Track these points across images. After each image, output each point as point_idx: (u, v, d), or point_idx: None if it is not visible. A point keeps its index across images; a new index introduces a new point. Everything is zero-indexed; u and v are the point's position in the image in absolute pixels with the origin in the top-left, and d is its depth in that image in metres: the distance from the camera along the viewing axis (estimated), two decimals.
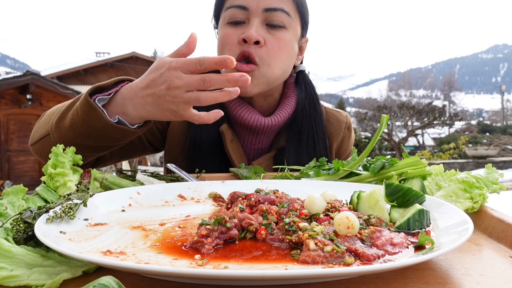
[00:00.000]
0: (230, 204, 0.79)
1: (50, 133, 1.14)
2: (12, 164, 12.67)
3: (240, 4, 1.24)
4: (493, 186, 0.85)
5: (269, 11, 1.24)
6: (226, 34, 1.28)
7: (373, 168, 0.97)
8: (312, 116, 1.39)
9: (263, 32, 1.24)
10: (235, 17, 1.26)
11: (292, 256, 0.56)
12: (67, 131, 1.09)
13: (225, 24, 1.29)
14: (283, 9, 1.25)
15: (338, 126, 1.49)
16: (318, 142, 1.38)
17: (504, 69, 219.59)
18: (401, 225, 0.65)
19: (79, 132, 1.07)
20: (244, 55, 1.23)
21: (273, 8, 1.24)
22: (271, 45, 1.25)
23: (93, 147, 1.11)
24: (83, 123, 1.05)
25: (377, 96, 68.80)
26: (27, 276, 0.51)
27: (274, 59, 1.26)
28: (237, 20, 1.26)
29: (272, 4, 1.24)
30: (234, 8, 1.26)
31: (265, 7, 1.24)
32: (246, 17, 1.26)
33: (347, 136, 1.52)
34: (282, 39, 1.27)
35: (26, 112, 12.86)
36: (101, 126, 1.03)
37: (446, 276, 0.53)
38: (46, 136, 1.15)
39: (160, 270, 0.44)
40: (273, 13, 1.24)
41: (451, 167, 14.58)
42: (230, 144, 1.35)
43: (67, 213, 0.65)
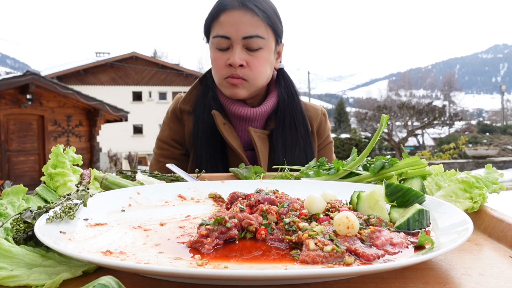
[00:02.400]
0: (230, 204, 0.79)
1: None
2: (12, 164, 12.67)
3: (224, 34, 1.51)
4: (493, 186, 0.85)
5: (247, 38, 1.50)
6: (215, 57, 1.57)
7: (373, 168, 0.97)
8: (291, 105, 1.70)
9: (244, 56, 1.52)
10: (220, 44, 1.53)
11: (292, 256, 0.56)
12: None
13: (214, 48, 1.57)
14: (258, 35, 1.51)
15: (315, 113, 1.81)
16: (299, 124, 1.68)
17: (504, 69, 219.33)
18: (401, 225, 0.65)
19: None
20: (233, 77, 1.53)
21: (250, 35, 1.50)
22: (253, 64, 1.54)
23: None
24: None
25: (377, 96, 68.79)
26: (27, 276, 0.51)
27: (258, 74, 1.56)
28: (222, 47, 1.54)
29: (249, 33, 1.50)
30: (219, 38, 1.53)
31: (243, 36, 1.50)
32: (229, 44, 1.53)
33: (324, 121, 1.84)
34: (261, 58, 1.55)
35: (26, 112, 12.87)
36: None
37: (446, 276, 0.53)
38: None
39: (160, 270, 0.44)
40: (251, 40, 1.51)
41: (451, 167, 14.58)
42: (222, 126, 1.58)
43: (67, 213, 0.65)
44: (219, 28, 1.53)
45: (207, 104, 1.63)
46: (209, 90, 1.67)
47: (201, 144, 1.60)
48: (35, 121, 13.23)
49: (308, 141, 1.68)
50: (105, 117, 14.44)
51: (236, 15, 1.50)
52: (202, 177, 1.14)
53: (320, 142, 1.80)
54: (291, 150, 1.62)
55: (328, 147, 1.84)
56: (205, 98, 1.66)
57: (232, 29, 1.50)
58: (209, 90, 1.67)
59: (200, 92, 1.70)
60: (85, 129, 14.43)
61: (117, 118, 14.83)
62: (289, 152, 1.61)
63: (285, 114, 1.67)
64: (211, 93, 1.65)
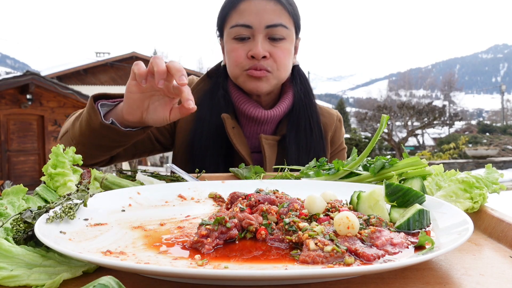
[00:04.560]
0: (230, 204, 0.79)
1: (69, 130, 1.33)
2: (12, 164, 12.67)
3: (245, 23, 1.40)
4: (493, 186, 0.85)
5: (270, 27, 1.40)
6: (233, 49, 1.44)
7: (373, 168, 0.97)
8: (307, 105, 1.58)
9: (267, 46, 1.42)
10: (240, 34, 1.42)
11: (292, 256, 0.56)
12: (76, 129, 1.27)
13: (231, 39, 1.45)
14: (282, 24, 1.42)
15: (330, 118, 1.69)
16: (314, 127, 1.57)
17: (504, 69, 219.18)
18: (401, 225, 0.65)
19: (83, 131, 1.23)
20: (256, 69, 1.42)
21: (274, 24, 1.40)
22: (276, 56, 1.43)
23: (96, 145, 1.26)
24: (86, 122, 1.21)
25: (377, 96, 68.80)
26: (27, 276, 0.51)
27: (282, 66, 1.46)
28: (242, 36, 1.42)
29: (273, 21, 1.40)
30: (239, 27, 1.41)
31: (266, 24, 1.40)
32: (250, 34, 1.41)
33: (339, 127, 1.73)
34: (284, 49, 1.45)
35: (26, 112, 12.86)
36: (98, 126, 1.18)
37: (446, 276, 0.53)
38: (66, 133, 1.35)
39: (160, 270, 0.44)
40: (274, 29, 1.41)
41: (451, 167, 14.58)
42: (231, 130, 1.49)
43: (67, 213, 0.65)
44: (238, 16, 1.41)
45: (215, 104, 1.52)
46: (218, 87, 1.55)
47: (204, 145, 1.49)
48: (35, 121, 13.23)
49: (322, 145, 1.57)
50: None
51: (258, 3, 1.39)
52: (202, 177, 1.14)
53: (333, 149, 1.69)
54: (305, 155, 1.50)
55: (341, 153, 1.74)
56: (213, 97, 1.54)
57: (254, 17, 1.39)
58: (219, 87, 1.54)
59: (208, 88, 1.58)
60: None
61: None
62: (302, 157, 1.48)
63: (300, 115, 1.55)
64: (221, 91, 1.53)
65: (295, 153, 1.50)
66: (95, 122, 1.18)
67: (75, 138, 1.29)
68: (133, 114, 1.15)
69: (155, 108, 1.14)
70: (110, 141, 1.24)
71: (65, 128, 1.39)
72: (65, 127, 1.39)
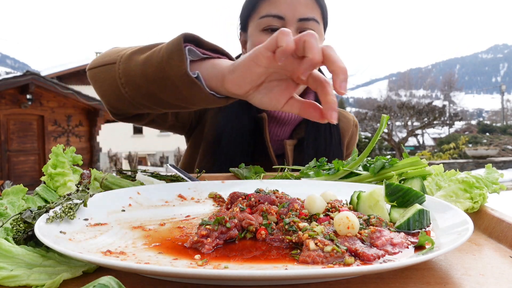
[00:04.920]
0: (230, 204, 0.79)
1: (117, 62, 1.03)
2: (12, 164, 12.67)
3: (277, 13, 1.33)
4: (493, 186, 0.85)
5: (303, 20, 1.34)
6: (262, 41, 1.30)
7: (373, 168, 0.97)
8: None
9: None
10: (271, 25, 1.35)
11: (292, 256, 0.56)
12: (136, 66, 0.97)
13: (260, 30, 1.37)
14: (314, 18, 1.36)
15: (347, 123, 1.65)
16: (333, 132, 1.52)
17: (504, 69, 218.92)
18: (401, 225, 0.65)
19: (148, 72, 0.94)
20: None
21: (307, 18, 1.34)
22: None
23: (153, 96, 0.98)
24: (159, 64, 0.91)
25: (377, 96, 68.79)
26: (27, 276, 0.51)
27: None
28: (273, 28, 1.35)
29: (306, 14, 1.34)
30: (271, 17, 1.34)
31: (300, 17, 1.34)
32: (281, 25, 1.34)
33: (355, 133, 1.69)
34: None
35: (26, 112, 12.86)
36: (177, 74, 0.88)
37: (446, 276, 0.53)
38: (111, 64, 1.05)
39: (160, 270, 0.44)
40: (306, 23, 1.34)
41: (451, 167, 14.57)
42: (267, 131, 1.45)
43: (67, 213, 0.65)
44: (271, 6, 1.35)
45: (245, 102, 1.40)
46: None
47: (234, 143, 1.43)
48: (35, 121, 13.23)
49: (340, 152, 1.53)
50: (105, 117, 14.43)
51: None
52: (202, 177, 1.14)
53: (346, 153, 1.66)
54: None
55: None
56: None
57: (288, 8, 1.33)
58: None
59: None
60: (85, 129, 14.42)
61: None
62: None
63: None
64: None
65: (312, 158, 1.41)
66: (175, 69, 0.88)
67: (126, 76, 0.99)
68: (240, 86, 0.84)
69: (271, 89, 0.87)
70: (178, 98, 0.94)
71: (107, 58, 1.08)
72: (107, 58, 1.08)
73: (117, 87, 1.01)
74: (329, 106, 0.75)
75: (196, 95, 0.90)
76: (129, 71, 0.99)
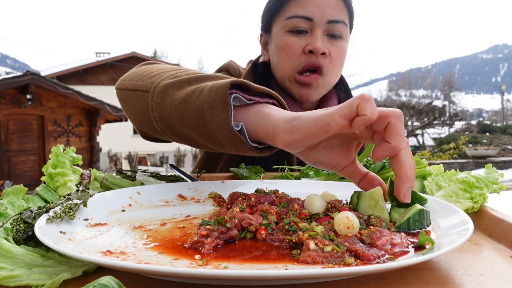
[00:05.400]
0: (230, 204, 0.79)
1: (150, 92, 0.92)
2: (12, 164, 12.67)
3: (305, 15, 1.30)
4: (493, 186, 0.85)
5: (331, 23, 1.31)
6: (289, 42, 1.32)
7: (373, 168, 0.97)
8: None
9: (326, 43, 1.32)
10: (298, 26, 1.31)
11: (292, 256, 0.56)
12: (172, 105, 0.86)
13: (286, 31, 1.34)
14: (343, 21, 1.33)
15: None
16: None
17: (504, 69, 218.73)
18: (401, 225, 0.65)
19: (184, 116, 0.83)
20: (313, 66, 1.31)
21: (336, 20, 1.31)
22: (334, 55, 1.33)
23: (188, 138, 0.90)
24: (199, 110, 0.80)
25: (377, 96, 68.80)
26: (27, 276, 0.51)
27: (336, 68, 1.35)
28: (300, 29, 1.32)
29: (335, 16, 1.31)
30: (299, 19, 1.31)
31: (328, 19, 1.31)
32: (309, 27, 1.31)
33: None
34: (342, 49, 1.35)
35: (26, 112, 12.87)
36: (217, 126, 0.77)
37: (446, 276, 0.53)
38: (144, 91, 0.95)
39: (160, 270, 0.44)
40: (335, 25, 1.32)
41: (451, 167, 14.57)
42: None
43: (67, 213, 0.65)
44: (298, 7, 1.31)
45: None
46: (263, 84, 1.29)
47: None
48: (35, 121, 13.24)
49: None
50: (105, 117, 14.44)
51: None
52: (202, 177, 1.14)
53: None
54: None
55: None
56: None
57: (316, 10, 1.29)
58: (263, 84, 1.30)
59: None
60: (85, 129, 14.43)
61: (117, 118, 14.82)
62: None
63: None
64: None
65: None
66: (217, 121, 0.77)
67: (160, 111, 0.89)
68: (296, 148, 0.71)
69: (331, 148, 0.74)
70: (217, 146, 0.83)
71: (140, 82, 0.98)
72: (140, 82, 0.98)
73: (149, 119, 0.92)
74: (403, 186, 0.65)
75: (237, 146, 0.78)
76: (164, 107, 0.88)
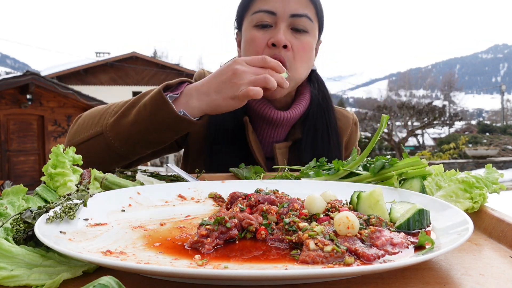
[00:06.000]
0: (230, 204, 0.79)
1: (104, 132, 1.22)
2: (12, 164, 12.67)
3: (269, 9, 1.34)
4: (493, 186, 0.85)
5: (295, 16, 1.34)
6: (254, 36, 1.37)
7: (373, 168, 0.97)
8: (325, 110, 1.51)
9: (289, 36, 1.34)
10: (262, 21, 1.35)
11: (292, 256, 0.56)
12: (127, 127, 1.19)
13: (252, 26, 1.38)
14: (307, 15, 1.35)
15: (346, 122, 1.62)
16: (332, 133, 1.49)
17: (504, 69, 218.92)
18: (401, 225, 0.65)
19: (143, 127, 1.17)
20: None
21: (299, 14, 1.34)
22: (296, 48, 1.35)
23: (151, 142, 1.22)
24: (150, 117, 1.15)
25: (377, 96, 68.82)
26: (27, 276, 0.51)
27: (300, 62, 1.37)
28: (264, 23, 1.35)
29: (298, 10, 1.34)
30: (262, 13, 1.34)
31: (291, 13, 1.33)
32: (273, 21, 1.35)
33: (354, 131, 1.65)
34: (306, 43, 1.37)
35: (26, 112, 12.86)
36: (169, 119, 1.13)
37: (446, 276, 0.53)
38: (98, 135, 1.24)
39: (160, 270, 0.44)
40: (299, 19, 1.34)
41: (451, 167, 14.56)
42: (251, 134, 1.44)
43: (67, 213, 0.65)
44: (263, 2, 1.35)
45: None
46: None
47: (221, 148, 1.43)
48: (35, 121, 13.23)
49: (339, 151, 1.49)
50: None
51: None
52: (202, 177, 1.14)
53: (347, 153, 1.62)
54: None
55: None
56: None
57: (279, 4, 1.33)
58: None
59: None
60: None
61: None
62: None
63: (318, 120, 1.48)
64: None
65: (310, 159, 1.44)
66: (165, 116, 1.13)
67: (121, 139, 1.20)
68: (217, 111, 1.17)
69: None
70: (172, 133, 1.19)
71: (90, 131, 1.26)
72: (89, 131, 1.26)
73: (113, 151, 1.22)
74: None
75: (184, 126, 1.16)
76: (121, 133, 1.20)
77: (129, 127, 1.19)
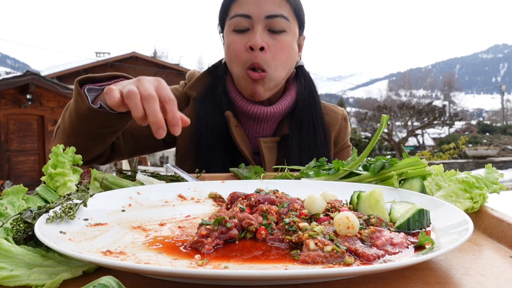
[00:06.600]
0: (230, 204, 0.79)
1: (60, 124, 1.31)
2: (12, 164, 12.66)
3: (244, 13, 1.36)
4: (493, 186, 0.85)
5: (270, 17, 1.36)
6: (232, 41, 1.40)
7: (373, 168, 0.97)
8: (311, 106, 1.52)
9: (266, 38, 1.36)
10: (239, 25, 1.38)
11: (292, 256, 0.56)
12: (66, 120, 1.23)
13: (231, 31, 1.41)
14: (283, 15, 1.37)
15: (335, 117, 1.62)
16: (318, 129, 1.50)
17: (504, 69, 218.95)
18: (401, 225, 0.65)
19: (72, 120, 1.19)
20: (254, 66, 1.37)
21: (274, 15, 1.36)
22: (274, 48, 1.37)
23: (88, 134, 1.22)
24: (74, 110, 1.17)
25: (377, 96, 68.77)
26: (27, 276, 0.51)
27: (279, 61, 1.39)
28: (242, 28, 1.38)
29: (273, 11, 1.36)
30: (238, 17, 1.37)
31: (266, 15, 1.35)
32: (250, 25, 1.37)
33: (344, 126, 1.65)
34: (284, 42, 1.39)
35: (26, 112, 12.86)
36: (86, 111, 1.12)
37: (446, 276, 0.53)
38: (58, 128, 1.34)
39: (160, 270, 0.44)
40: (274, 20, 1.36)
41: (451, 167, 14.56)
42: (235, 128, 1.45)
43: (67, 213, 0.65)
44: (238, 7, 1.38)
45: (218, 100, 1.47)
46: (219, 84, 1.50)
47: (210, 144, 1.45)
48: (35, 121, 13.23)
49: (326, 147, 1.50)
50: None
51: None
52: (202, 177, 1.14)
53: (336, 149, 1.62)
54: (307, 157, 1.40)
55: (345, 151, 1.66)
56: (214, 93, 1.49)
57: (253, 7, 1.35)
58: (219, 84, 1.50)
59: (209, 83, 1.52)
60: None
61: None
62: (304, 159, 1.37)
63: (304, 115, 1.49)
64: (221, 88, 1.48)
65: (298, 155, 1.44)
66: (82, 108, 1.12)
67: (66, 131, 1.24)
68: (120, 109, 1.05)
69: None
70: (101, 127, 1.17)
71: (57, 124, 1.36)
72: (58, 123, 1.36)
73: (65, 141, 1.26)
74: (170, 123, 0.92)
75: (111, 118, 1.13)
76: (65, 126, 1.26)
77: (66, 120, 1.24)
